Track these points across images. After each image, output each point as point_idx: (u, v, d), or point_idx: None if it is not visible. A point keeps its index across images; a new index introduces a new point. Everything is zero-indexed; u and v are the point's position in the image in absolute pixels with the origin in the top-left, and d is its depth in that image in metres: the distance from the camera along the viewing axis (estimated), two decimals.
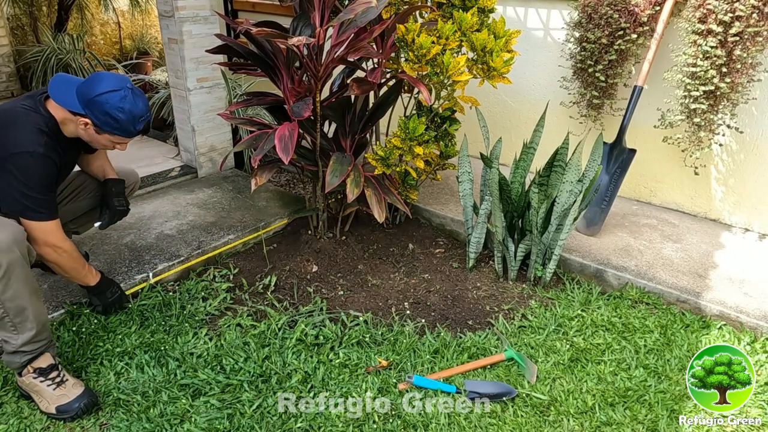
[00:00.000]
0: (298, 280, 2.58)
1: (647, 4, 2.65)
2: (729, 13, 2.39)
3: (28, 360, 1.83)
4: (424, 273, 2.67)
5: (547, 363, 2.09)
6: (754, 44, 2.42)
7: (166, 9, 3.18)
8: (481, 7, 2.47)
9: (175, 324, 2.26)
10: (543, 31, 3.27)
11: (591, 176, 2.35)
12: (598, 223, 2.79)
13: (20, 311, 1.75)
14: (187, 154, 3.57)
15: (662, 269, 2.53)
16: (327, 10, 2.26)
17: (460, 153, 2.61)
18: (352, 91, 2.28)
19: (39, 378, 1.83)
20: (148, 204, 3.13)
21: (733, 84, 2.48)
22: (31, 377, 1.83)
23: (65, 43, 5.43)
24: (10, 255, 1.68)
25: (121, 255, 2.60)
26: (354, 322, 2.30)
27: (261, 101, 2.61)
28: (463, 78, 2.34)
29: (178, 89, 3.39)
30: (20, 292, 1.73)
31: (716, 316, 2.30)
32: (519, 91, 3.46)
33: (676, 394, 1.95)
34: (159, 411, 1.85)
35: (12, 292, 1.71)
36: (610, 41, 2.74)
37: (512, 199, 2.49)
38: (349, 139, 2.67)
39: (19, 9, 5.73)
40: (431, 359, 2.11)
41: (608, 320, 2.31)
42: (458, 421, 1.83)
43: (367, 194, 2.51)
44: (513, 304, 2.46)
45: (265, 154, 2.37)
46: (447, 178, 3.47)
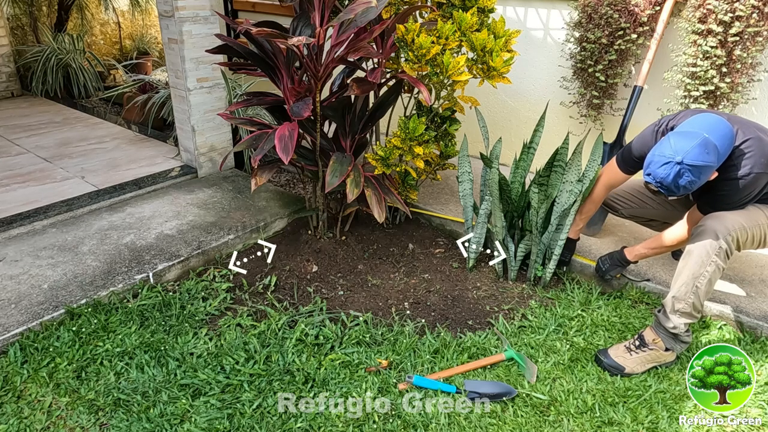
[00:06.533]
0: (298, 280, 2.58)
1: (647, 4, 2.65)
2: (729, 13, 2.39)
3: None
4: (424, 273, 2.67)
5: (547, 363, 2.09)
6: (754, 44, 2.42)
7: (166, 9, 3.18)
8: (481, 7, 2.47)
9: (175, 324, 2.26)
10: (543, 31, 3.27)
11: (591, 176, 2.35)
12: (598, 223, 2.79)
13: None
14: (187, 154, 3.57)
15: (662, 269, 2.53)
16: (327, 10, 2.26)
17: (460, 153, 2.61)
18: (352, 91, 2.28)
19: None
20: (148, 204, 3.13)
21: (733, 84, 2.48)
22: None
23: (65, 43, 5.44)
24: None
25: (121, 255, 2.60)
26: (354, 322, 2.30)
27: (261, 101, 2.61)
28: (463, 78, 2.33)
29: (178, 89, 3.39)
30: None
31: (716, 316, 2.30)
32: (519, 91, 3.46)
33: (676, 394, 1.95)
34: (159, 411, 1.85)
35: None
36: (610, 41, 2.74)
37: (512, 199, 2.49)
38: (349, 139, 2.67)
39: (19, 9, 5.73)
40: (431, 359, 2.11)
41: (608, 320, 2.31)
42: (458, 421, 1.83)
43: (367, 194, 2.51)
44: (513, 304, 2.46)
45: (265, 154, 2.37)
46: (447, 178, 3.47)
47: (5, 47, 5.38)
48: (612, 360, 2.05)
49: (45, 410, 1.86)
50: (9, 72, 5.41)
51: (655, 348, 2.04)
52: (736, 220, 1.93)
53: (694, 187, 1.86)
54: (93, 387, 1.95)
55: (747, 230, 1.94)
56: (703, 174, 1.83)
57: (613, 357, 2.06)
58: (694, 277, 1.94)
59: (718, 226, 1.92)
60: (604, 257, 2.44)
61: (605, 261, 2.42)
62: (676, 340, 2.04)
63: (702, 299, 1.97)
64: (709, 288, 1.96)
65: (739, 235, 1.92)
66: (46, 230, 2.81)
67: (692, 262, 1.95)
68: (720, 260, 1.92)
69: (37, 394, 1.92)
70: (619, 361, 2.05)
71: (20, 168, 3.54)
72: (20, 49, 5.62)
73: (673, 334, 2.03)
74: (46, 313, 2.22)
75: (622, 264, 2.38)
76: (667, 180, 1.84)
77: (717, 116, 1.91)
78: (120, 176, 3.40)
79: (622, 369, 2.04)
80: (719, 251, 1.91)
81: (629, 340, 2.10)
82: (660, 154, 1.85)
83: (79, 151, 3.84)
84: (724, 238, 1.90)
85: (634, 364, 2.04)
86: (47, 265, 2.51)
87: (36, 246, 2.66)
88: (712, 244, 1.91)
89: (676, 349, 2.05)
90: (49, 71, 5.24)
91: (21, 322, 2.16)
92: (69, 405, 1.89)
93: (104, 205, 3.08)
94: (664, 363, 2.07)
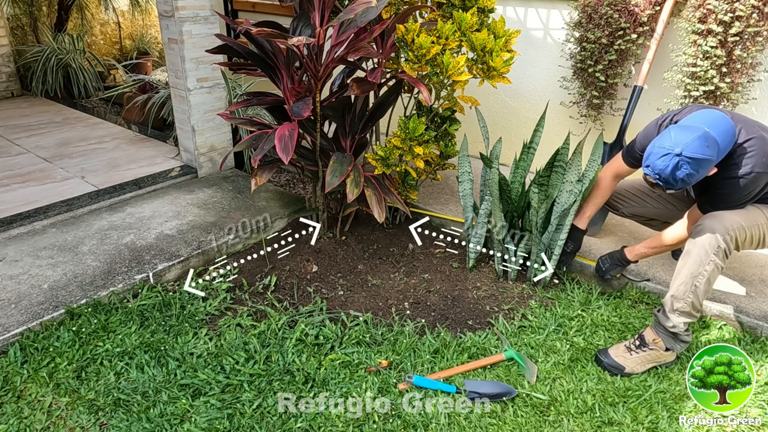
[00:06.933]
0: (298, 280, 2.58)
1: (647, 4, 2.65)
2: (729, 13, 2.39)
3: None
4: (424, 273, 2.67)
5: (547, 363, 2.09)
6: (754, 44, 2.42)
7: (166, 9, 3.18)
8: (481, 7, 2.47)
9: (175, 324, 2.26)
10: (543, 31, 3.27)
11: (591, 176, 2.35)
12: (598, 223, 2.79)
13: None
14: (187, 154, 3.57)
15: (662, 269, 2.53)
16: (327, 10, 2.26)
17: (460, 153, 2.61)
18: (352, 91, 2.28)
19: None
20: (148, 204, 3.13)
21: (733, 84, 2.48)
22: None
23: (65, 43, 5.44)
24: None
25: (121, 255, 2.60)
26: (354, 322, 2.30)
27: (261, 101, 2.61)
28: (463, 78, 2.34)
29: (178, 89, 3.39)
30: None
31: (716, 316, 2.30)
32: (519, 91, 3.46)
33: (676, 394, 1.95)
34: (159, 411, 1.85)
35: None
36: (610, 41, 2.74)
37: (512, 199, 2.49)
38: (349, 139, 2.67)
39: (19, 9, 5.73)
40: (431, 359, 2.11)
41: (608, 320, 2.31)
42: (458, 421, 1.83)
43: (367, 194, 2.51)
44: (513, 304, 2.46)
45: (265, 154, 2.37)
46: (447, 178, 3.47)
47: (5, 47, 5.38)
48: (612, 360, 2.05)
49: (45, 410, 1.86)
50: (9, 72, 5.41)
51: (655, 348, 2.04)
52: (735, 220, 1.93)
53: (692, 181, 1.85)
54: (93, 387, 1.95)
55: (746, 230, 1.94)
56: (702, 168, 1.82)
57: (613, 357, 2.06)
58: (692, 276, 1.94)
59: (716, 226, 1.92)
60: (604, 257, 2.44)
61: (605, 261, 2.42)
62: (676, 340, 2.04)
63: (701, 298, 1.97)
64: (708, 287, 1.96)
65: (738, 234, 1.93)
66: (46, 230, 2.82)
67: (691, 261, 1.95)
68: (719, 259, 1.92)
69: (37, 394, 1.92)
70: (619, 360, 2.05)
71: (20, 168, 3.54)
72: (20, 49, 5.62)
73: (672, 334, 2.03)
74: (46, 313, 2.22)
75: (623, 264, 2.38)
76: (665, 172, 1.84)
77: (720, 112, 1.91)
78: (120, 176, 3.40)
79: (622, 369, 2.04)
80: (718, 250, 1.91)
81: (629, 340, 2.10)
82: (660, 145, 1.86)
83: (79, 151, 3.85)
84: (723, 238, 1.90)
85: (634, 364, 2.04)
86: (47, 265, 2.51)
87: (36, 246, 2.67)
88: (711, 243, 1.91)
89: (676, 349, 2.05)
90: (49, 71, 5.24)
91: (21, 322, 2.17)
92: (69, 405, 1.89)
93: (104, 205, 3.08)
94: (664, 363, 2.07)
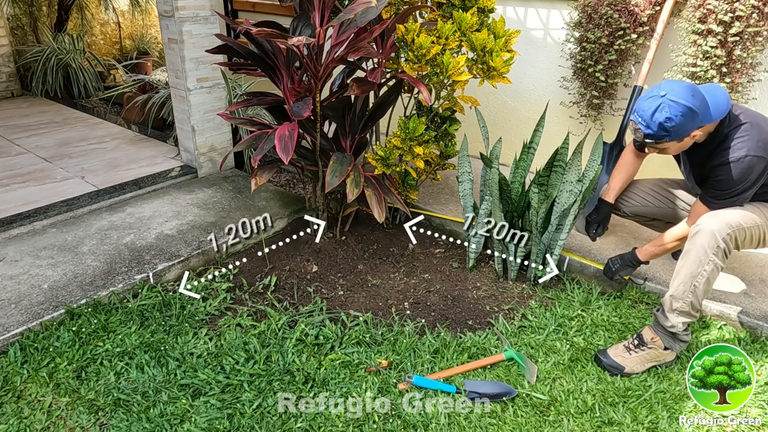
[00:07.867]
0: (298, 280, 2.58)
1: (647, 4, 2.65)
2: (729, 13, 2.39)
3: None
4: (424, 273, 2.67)
5: (547, 363, 2.09)
6: (754, 44, 2.42)
7: (166, 9, 3.18)
8: (481, 7, 2.47)
9: (175, 324, 2.26)
10: (543, 31, 3.27)
11: (591, 176, 2.35)
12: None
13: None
14: (187, 154, 3.57)
15: (662, 269, 2.53)
16: (327, 10, 2.26)
17: (460, 153, 2.61)
18: (352, 91, 2.28)
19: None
20: (148, 204, 3.13)
21: (733, 84, 2.48)
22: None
23: (65, 43, 5.44)
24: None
25: (121, 255, 2.60)
26: (354, 322, 2.30)
27: (261, 101, 2.61)
28: (463, 78, 2.34)
29: (178, 89, 3.39)
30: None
31: (716, 316, 2.30)
32: (519, 91, 3.46)
33: (676, 394, 1.95)
34: (159, 411, 1.85)
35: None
36: (610, 41, 2.74)
37: (512, 199, 2.49)
38: (349, 139, 2.67)
39: (19, 9, 5.73)
40: (431, 359, 2.11)
41: (608, 320, 2.31)
42: (458, 421, 1.83)
43: (367, 194, 2.51)
44: (513, 304, 2.46)
45: (265, 154, 2.37)
46: (447, 178, 3.47)
47: (5, 47, 5.38)
48: (611, 360, 2.05)
49: (45, 410, 1.86)
50: (9, 72, 5.41)
51: (653, 347, 2.04)
52: (734, 219, 1.93)
53: (671, 131, 1.86)
54: (93, 387, 1.95)
55: (745, 229, 1.94)
56: (684, 117, 1.83)
57: (612, 357, 2.06)
58: (692, 276, 1.95)
59: (716, 225, 1.92)
60: (614, 258, 2.41)
61: (616, 261, 2.39)
62: (675, 339, 2.04)
63: (700, 298, 1.97)
64: (707, 287, 1.96)
65: (737, 234, 1.93)
66: (46, 230, 2.82)
67: (690, 261, 1.95)
68: (718, 259, 1.92)
69: (37, 394, 1.92)
70: (618, 360, 2.05)
71: (20, 168, 3.54)
72: (20, 49, 5.62)
73: (671, 333, 2.03)
74: (46, 313, 2.22)
75: (634, 265, 2.36)
76: (647, 114, 1.86)
77: (722, 89, 1.95)
78: (120, 176, 3.40)
79: (621, 368, 2.04)
80: (717, 250, 1.91)
81: (628, 340, 2.10)
82: (650, 90, 1.91)
83: (79, 151, 3.85)
84: (722, 237, 1.90)
85: (633, 364, 2.04)
86: (47, 265, 2.51)
87: (36, 246, 2.67)
88: (710, 243, 1.91)
89: (675, 348, 2.05)
90: (49, 71, 5.24)
91: (21, 322, 2.17)
92: (69, 405, 1.89)
93: (104, 205, 3.08)
94: (664, 362, 2.07)
